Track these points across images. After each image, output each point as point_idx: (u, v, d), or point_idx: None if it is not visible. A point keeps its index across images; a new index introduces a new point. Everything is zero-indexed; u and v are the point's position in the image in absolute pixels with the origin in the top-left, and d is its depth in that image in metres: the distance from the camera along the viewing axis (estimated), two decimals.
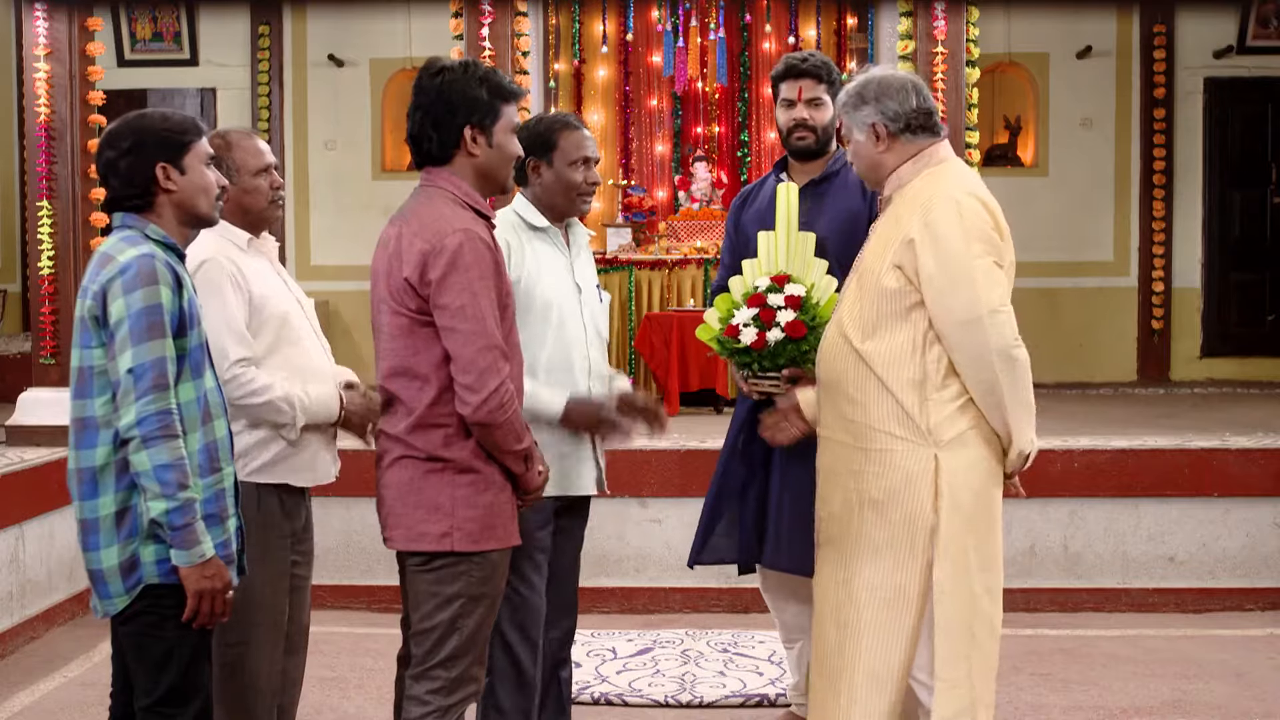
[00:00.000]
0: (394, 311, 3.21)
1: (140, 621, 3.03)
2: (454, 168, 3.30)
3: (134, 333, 2.92)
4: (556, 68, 10.28)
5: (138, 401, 2.91)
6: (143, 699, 3.06)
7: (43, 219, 6.71)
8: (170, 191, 3.07)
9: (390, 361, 3.26)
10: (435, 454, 3.23)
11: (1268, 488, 6.37)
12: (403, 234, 3.20)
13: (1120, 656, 5.68)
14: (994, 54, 9.80)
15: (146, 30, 10.42)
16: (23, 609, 5.96)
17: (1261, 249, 10.42)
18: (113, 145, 3.08)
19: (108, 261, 2.99)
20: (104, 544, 3.00)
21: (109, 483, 2.99)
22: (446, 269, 3.13)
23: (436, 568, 3.26)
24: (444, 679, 3.28)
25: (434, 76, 3.26)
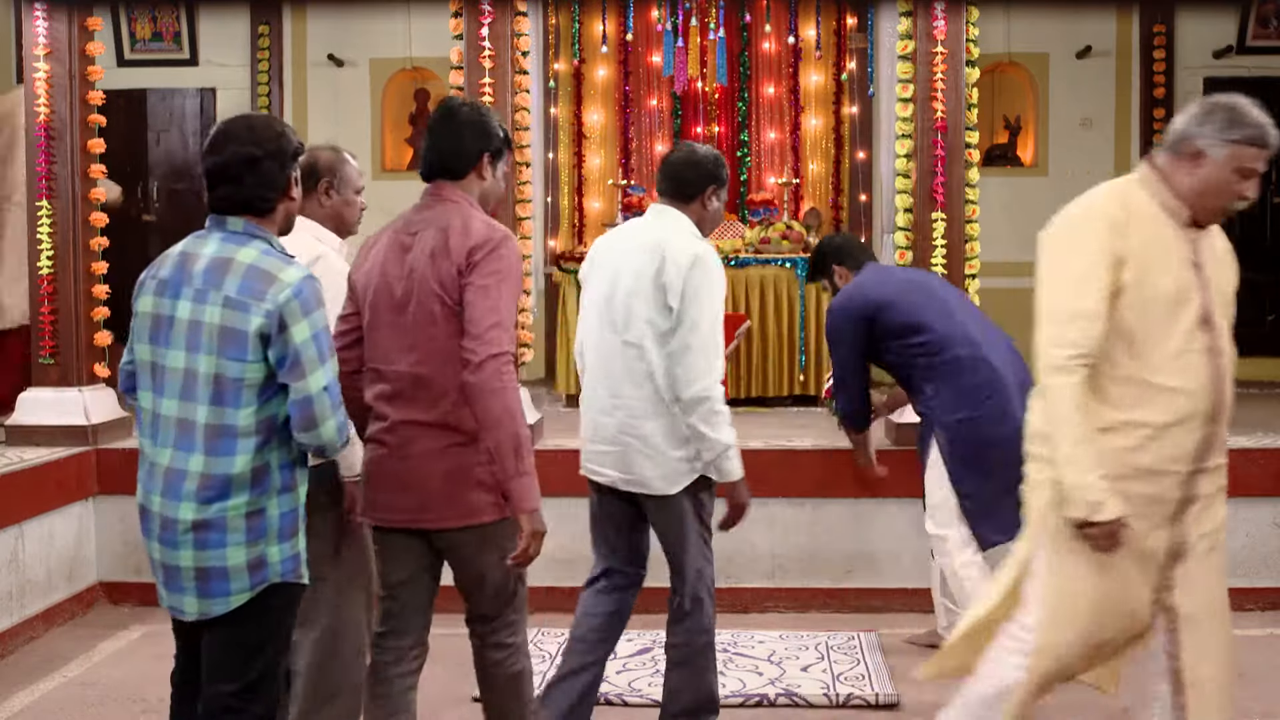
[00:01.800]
0: (439, 301, 3.48)
1: (248, 615, 3.19)
2: (466, 186, 3.69)
3: (321, 352, 3.15)
4: (556, 67, 10.29)
5: (335, 414, 3.17)
6: (226, 685, 3.20)
7: (42, 219, 6.71)
8: (291, 200, 3.28)
9: (436, 349, 3.49)
10: (475, 431, 3.48)
11: (1268, 488, 6.37)
12: (449, 234, 3.52)
13: None
14: (994, 54, 9.80)
15: (146, 30, 10.42)
16: (22, 609, 5.96)
17: (1261, 249, 10.42)
18: (254, 143, 3.19)
19: (268, 279, 3.12)
20: (231, 541, 3.14)
21: (244, 485, 3.14)
22: (486, 254, 3.47)
23: (490, 534, 3.55)
24: (516, 621, 3.71)
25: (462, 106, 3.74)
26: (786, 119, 10.54)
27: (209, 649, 3.24)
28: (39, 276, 6.75)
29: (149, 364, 3.24)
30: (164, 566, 3.22)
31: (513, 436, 3.41)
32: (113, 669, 5.62)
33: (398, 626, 3.70)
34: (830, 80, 10.50)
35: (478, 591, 3.66)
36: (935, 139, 6.46)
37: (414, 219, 3.65)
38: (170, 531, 3.17)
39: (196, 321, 3.15)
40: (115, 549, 6.59)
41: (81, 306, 6.77)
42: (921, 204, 6.50)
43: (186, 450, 3.14)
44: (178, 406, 3.17)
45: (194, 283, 3.17)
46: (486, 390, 3.39)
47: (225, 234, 3.21)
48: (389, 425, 3.55)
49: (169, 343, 3.19)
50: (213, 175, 3.22)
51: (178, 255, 3.26)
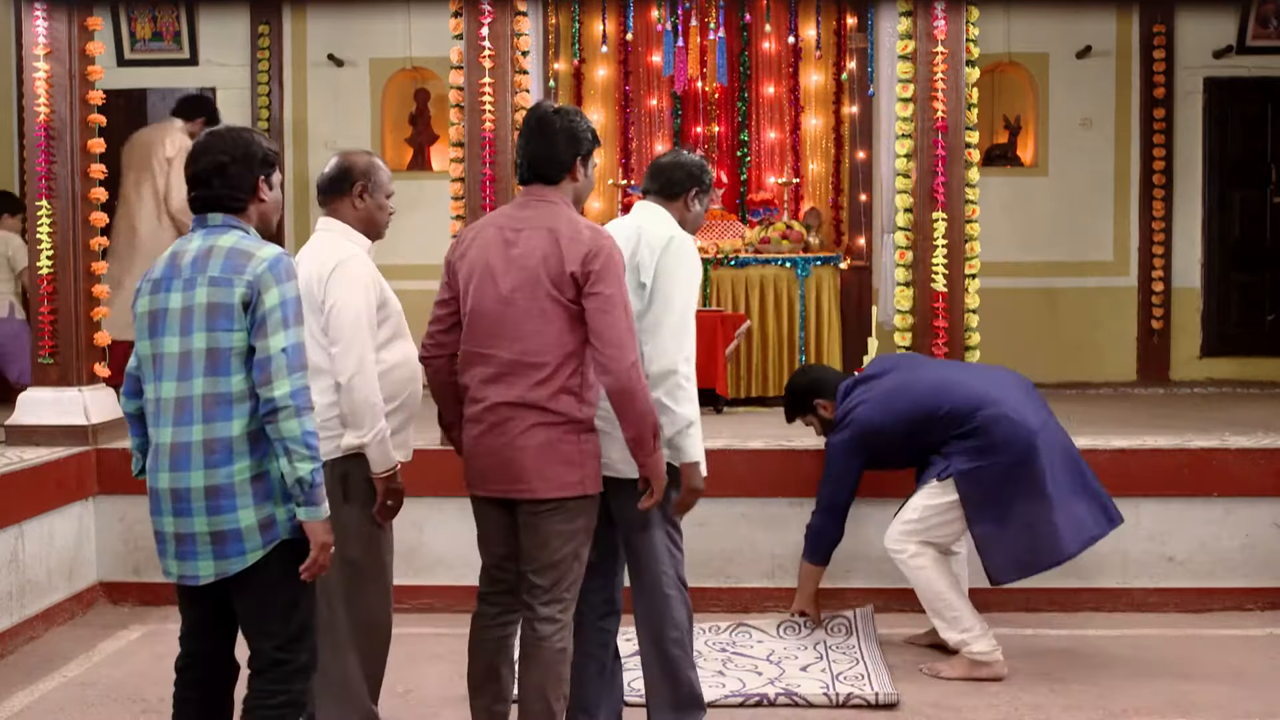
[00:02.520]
0: (550, 298, 3.86)
1: (271, 573, 3.49)
2: (561, 189, 4.04)
3: (286, 318, 3.44)
4: (556, 67, 10.28)
5: (290, 376, 3.41)
6: (269, 641, 3.54)
7: (42, 219, 6.71)
8: (262, 201, 3.62)
9: (544, 339, 3.87)
10: (571, 416, 3.89)
11: (1268, 488, 6.37)
12: (558, 237, 3.88)
13: (1120, 656, 5.68)
14: (994, 54, 9.80)
15: (146, 30, 10.41)
16: (22, 609, 5.95)
17: (1261, 249, 10.42)
18: (224, 151, 3.54)
19: (247, 256, 3.46)
20: (240, 505, 3.44)
21: (244, 450, 3.43)
22: (603, 264, 3.85)
23: (569, 509, 3.92)
24: (568, 600, 3.99)
25: (556, 113, 4.05)
26: (786, 119, 10.54)
27: (247, 612, 3.55)
28: (38, 276, 6.75)
29: (150, 357, 3.54)
30: (176, 537, 3.48)
31: (653, 425, 3.88)
32: (112, 669, 5.62)
33: (502, 588, 4.08)
34: (830, 80, 10.50)
35: (539, 557, 3.94)
36: (935, 139, 6.46)
37: (517, 216, 3.99)
38: (183, 501, 3.44)
39: (188, 307, 3.47)
40: (115, 549, 6.59)
41: (81, 306, 6.77)
42: (922, 204, 6.50)
43: (187, 424, 3.44)
44: (175, 387, 3.47)
45: (183, 274, 3.51)
46: (632, 392, 3.83)
47: (208, 228, 3.57)
48: (488, 405, 3.91)
49: (164, 332, 3.50)
50: (191, 181, 3.59)
51: (168, 256, 3.60)
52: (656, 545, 4.29)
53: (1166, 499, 6.38)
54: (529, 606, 3.98)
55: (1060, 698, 5.18)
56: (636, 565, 4.32)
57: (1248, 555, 6.39)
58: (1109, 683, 5.33)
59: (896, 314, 6.60)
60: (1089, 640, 5.92)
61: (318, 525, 3.49)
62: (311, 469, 3.43)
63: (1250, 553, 6.39)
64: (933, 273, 6.45)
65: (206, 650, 3.66)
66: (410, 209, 9.74)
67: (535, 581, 3.97)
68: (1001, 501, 5.33)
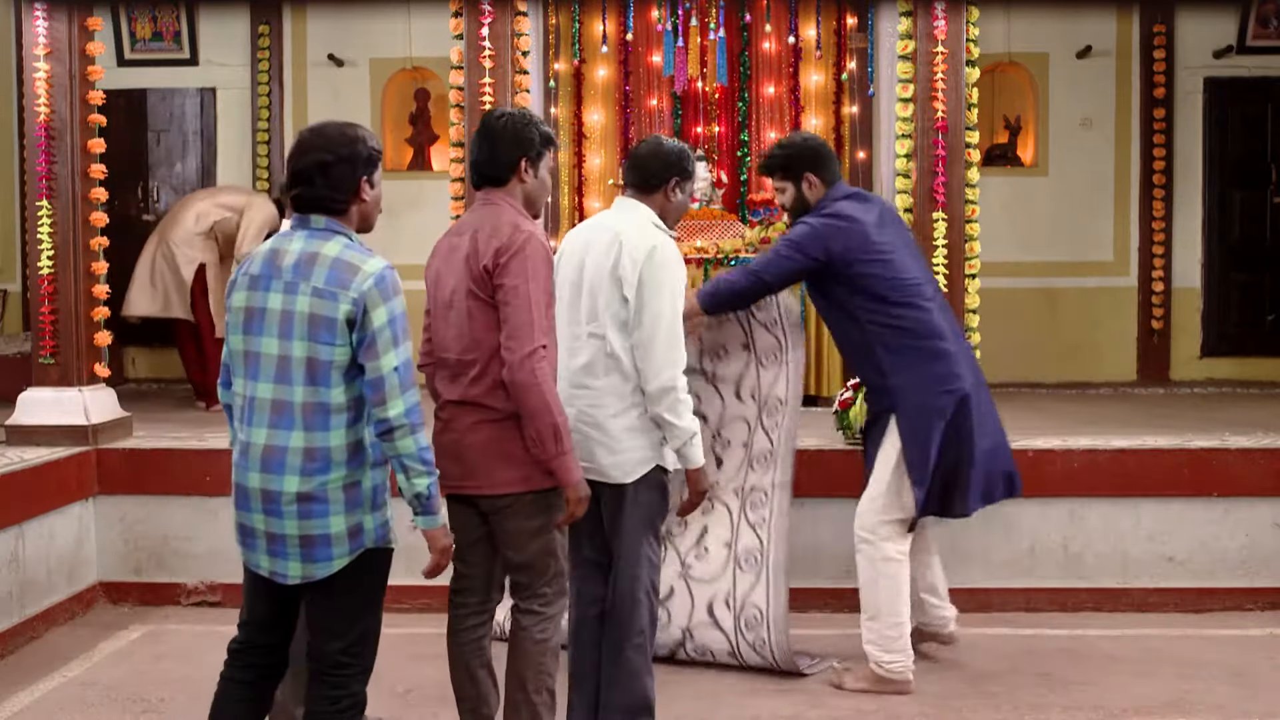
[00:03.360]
0: (472, 295, 3.90)
1: (350, 579, 3.54)
2: (508, 189, 4.05)
3: (395, 336, 3.45)
4: (556, 67, 10.27)
5: (404, 394, 3.44)
6: (336, 643, 3.57)
7: (42, 219, 6.71)
8: (364, 201, 3.59)
9: (472, 337, 3.92)
10: (510, 411, 3.88)
11: (1268, 488, 6.37)
12: (478, 235, 3.93)
13: (1120, 656, 5.68)
14: (994, 54, 9.80)
15: (146, 30, 10.41)
16: (22, 609, 5.96)
17: (1261, 249, 10.41)
18: (327, 149, 3.52)
19: (353, 269, 3.45)
20: (333, 512, 3.48)
21: (342, 460, 3.47)
22: (511, 256, 3.86)
23: (525, 505, 3.94)
24: (549, 594, 4.04)
25: (498, 119, 4.07)
26: (787, 119, 10.53)
27: (318, 613, 3.59)
28: (39, 276, 6.75)
29: (242, 353, 3.55)
30: (268, 535, 3.52)
31: (550, 425, 3.84)
32: (113, 669, 5.62)
33: (467, 585, 4.11)
34: (830, 80, 10.49)
35: (510, 557, 4.03)
36: (935, 139, 6.46)
37: (464, 221, 4.07)
38: (274, 503, 3.47)
39: (288, 311, 3.46)
40: (115, 549, 6.59)
41: (82, 306, 6.77)
42: (922, 204, 6.50)
43: (286, 428, 3.46)
44: (272, 389, 3.48)
45: (284, 276, 3.49)
46: (524, 385, 3.81)
47: (310, 231, 3.55)
48: (441, 404, 4.03)
49: (262, 331, 3.50)
50: (292, 178, 3.57)
51: (267, 252, 3.58)
52: (638, 551, 4.34)
53: (1166, 499, 6.38)
54: (515, 599, 4.09)
55: (1060, 697, 5.18)
56: (615, 567, 4.37)
57: (1247, 555, 6.39)
58: (1109, 683, 5.33)
59: None
60: (1088, 640, 5.92)
61: (438, 531, 3.59)
62: (429, 483, 3.51)
63: (1250, 553, 6.39)
64: (933, 273, 6.45)
65: (265, 642, 3.70)
66: (410, 209, 9.79)
67: (515, 578, 4.08)
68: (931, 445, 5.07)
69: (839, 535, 6.26)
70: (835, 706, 5.08)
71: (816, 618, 6.23)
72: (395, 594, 4.50)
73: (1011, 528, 6.37)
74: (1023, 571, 6.38)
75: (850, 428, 6.45)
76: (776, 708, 5.07)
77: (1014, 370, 9.82)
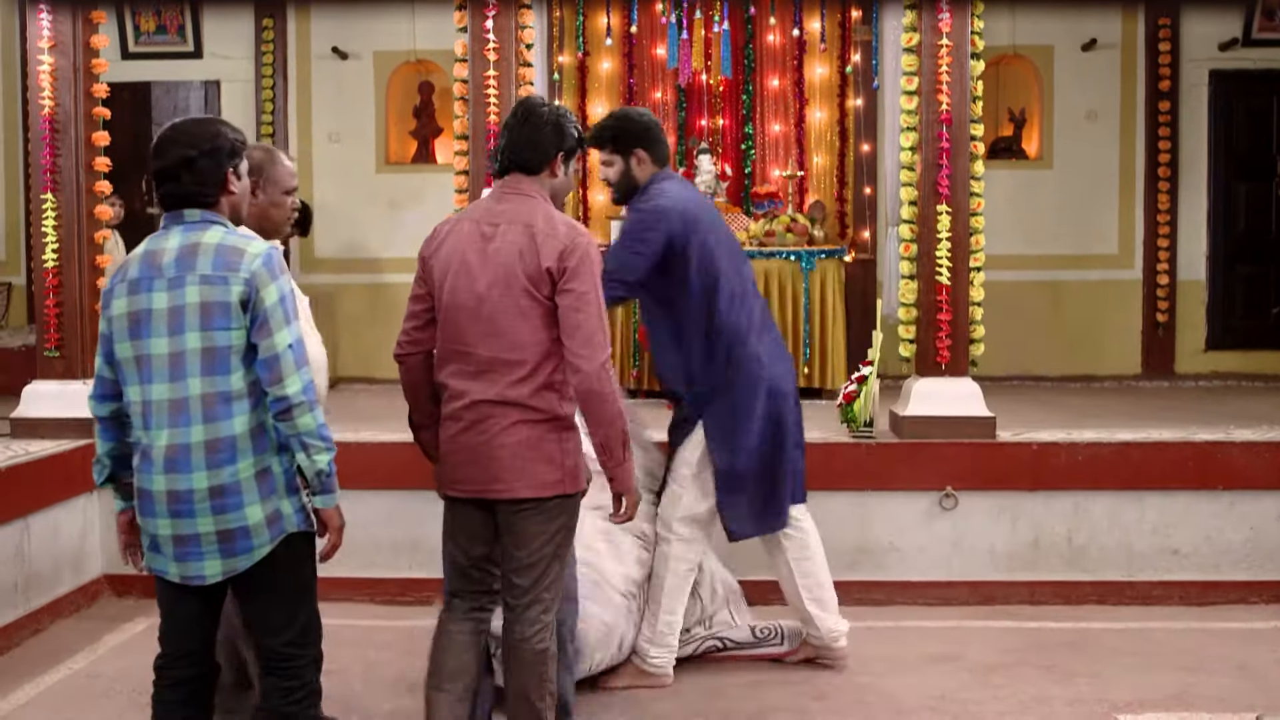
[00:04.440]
0: (527, 294, 3.77)
1: (279, 565, 3.47)
2: (539, 181, 3.93)
3: (286, 314, 3.41)
4: (560, 60, 10.27)
5: (299, 371, 3.40)
6: (276, 637, 3.53)
7: (47, 212, 6.72)
8: (232, 193, 3.53)
9: (517, 337, 3.78)
10: (554, 413, 3.81)
11: (1272, 481, 6.36)
12: (533, 231, 3.78)
13: (1124, 649, 5.68)
14: (998, 46, 9.78)
15: (150, 23, 10.41)
16: (28, 602, 5.97)
17: (1266, 242, 10.40)
18: (190, 144, 3.44)
19: (238, 252, 3.40)
20: (248, 501, 3.41)
21: (248, 447, 3.40)
22: (579, 260, 3.76)
23: (548, 509, 3.84)
24: (548, 600, 3.91)
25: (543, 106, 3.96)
26: (791, 112, 10.52)
27: (253, 609, 3.55)
28: (43, 269, 6.76)
29: (132, 359, 3.45)
30: (176, 539, 3.42)
31: (621, 432, 3.81)
32: (117, 661, 5.63)
33: (475, 589, 3.98)
34: (835, 73, 10.48)
35: (519, 556, 3.86)
36: (940, 131, 6.45)
37: (494, 209, 3.88)
38: (184, 502, 3.39)
39: (176, 307, 3.39)
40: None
41: (86, 299, 6.77)
42: (926, 197, 6.49)
43: (185, 424, 3.38)
44: (168, 389, 3.40)
45: (166, 273, 3.41)
46: (601, 395, 3.75)
47: (185, 225, 3.47)
48: (467, 403, 3.82)
49: (150, 333, 3.41)
50: (157, 176, 3.49)
51: (142, 254, 3.49)
52: None
53: (1171, 492, 6.38)
54: (509, 607, 3.92)
55: (1064, 690, 5.18)
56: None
57: (1252, 548, 6.38)
58: (1113, 675, 5.33)
59: (901, 307, 6.60)
60: (1093, 633, 5.92)
61: (333, 511, 3.52)
62: (329, 459, 3.45)
63: (1255, 546, 6.38)
64: (937, 266, 6.45)
65: (189, 649, 3.60)
66: (414, 202, 9.80)
67: (515, 581, 3.90)
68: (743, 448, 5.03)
69: (844, 528, 6.28)
70: (838, 698, 5.08)
71: None
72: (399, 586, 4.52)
73: (1016, 520, 6.37)
74: (1027, 564, 6.38)
75: (855, 421, 6.46)
76: (780, 699, 5.07)
77: (1018, 363, 9.81)
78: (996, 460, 6.37)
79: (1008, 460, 6.38)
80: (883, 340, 6.53)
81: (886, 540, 6.39)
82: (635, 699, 5.06)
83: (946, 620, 6.10)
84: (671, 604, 5.14)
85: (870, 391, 6.45)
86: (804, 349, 8.75)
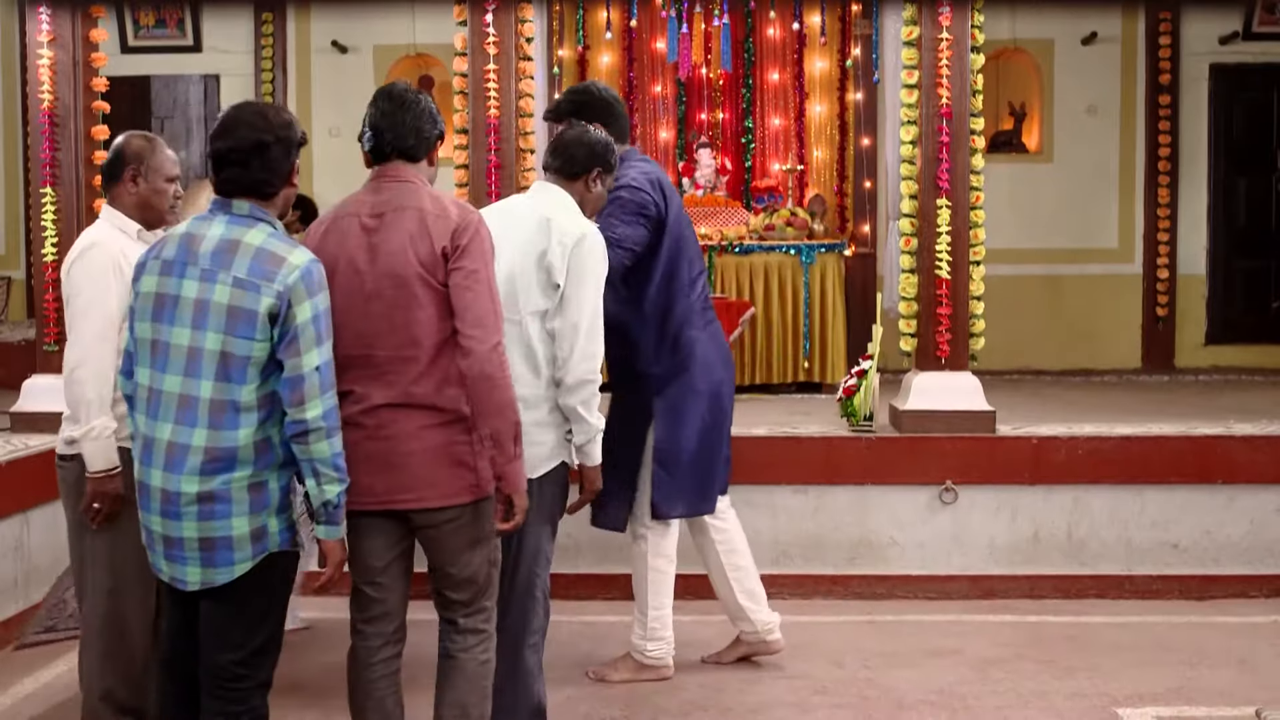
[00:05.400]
0: (421, 281, 3.51)
1: (253, 583, 3.32)
2: (420, 169, 3.69)
3: (319, 334, 3.27)
4: (560, 54, 10.26)
5: (323, 395, 3.26)
6: (233, 653, 3.34)
7: (46, 206, 6.71)
8: (293, 186, 3.40)
9: (412, 330, 3.51)
10: (460, 412, 3.53)
11: (1272, 475, 6.36)
12: (424, 216, 3.54)
13: (1124, 643, 5.68)
14: (999, 40, 9.77)
15: (150, 17, 10.41)
16: (27, 596, 5.96)
17: (1266, 236, 10.40)
18: (266, 129, 3.31)
19: (277, 260, 3.25)
20: (235, 512, 3.27)
21: (249, 459, 3.27)
22: (470, 238, 3.52)
23: (470, 516, 3.59)
24: (489, 609, 3.73)
25: (416, 93, 3.72)
26: (791, 105, 10.51)
27: (212, 620, 3.36)
28: (43, 263, 6.75)
29: (149, 341, 3.32)
30: (165, 539, 3.32)
31: (513, 423, 3.54)
32: None
33: (380, 612, 3.67)
34: (835, 66, 10.48)
35: (452, 573, 3.64)
36: (940, 125, 6.44)
37: (373, 201, 3.62)
38: (172, 504, 3.27)
39: (204, 300, 3.25)
40: None
41: None
42: (926, 191, 6.49)
43: (189, 425, 3.25)
44: (180, 383, 3.27)
45: (200, 263, 3.27)
46: (491, 379, 3.49)
47: (231, 216, 3.31)
48: (368, 408, 3.52)
49: (174, 320, 3.28)
50: (220, 158, 3.31)
51: (181, 236, 3.34)
52: (537, 547, 4.18)
53: (1171, 486, 6.37)
54: (449, 622, 3.70)
55: (1064, 684, 5.18)
56: (512, 564, 4.13)
57: (1252, 542, 6.38)
58: (1112, 669, 5.33)
59: (901, 301, 6.60)
60: (1092, 627, 5.92)
61: (335, 544, 3.38)
62: (339, 491, 3.32)
63: (1254, 540, 6.38)
64: (937, 260, 6.45)
65: (189, 648, 3.47)
66: None
67: (454, 598, 3.67)
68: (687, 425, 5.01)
69: (844, 522, 6.28)
70: (838, 692, 5.08)
71: (821, 604, 6.24)
72: None
73: (1016, 514, 6.37)
74: (1027, 558, 6.38)
75: (855, 415, 6.45)
76: (780, 694, 5.07)
77: (1018, 357, 9.82)
78: (996, 454, 6.37)
79: (1007, 454, 6.37)
80: (882, 334, 6.53)
81: (886, 534, 6.39)
82: (634, 693, 5.06)
83: (946, 614, 6.10)
84: (658, 599, 5.11)
85: (870, 385, 6.45)
86: (804, 343, 8.76)
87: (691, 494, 5.06)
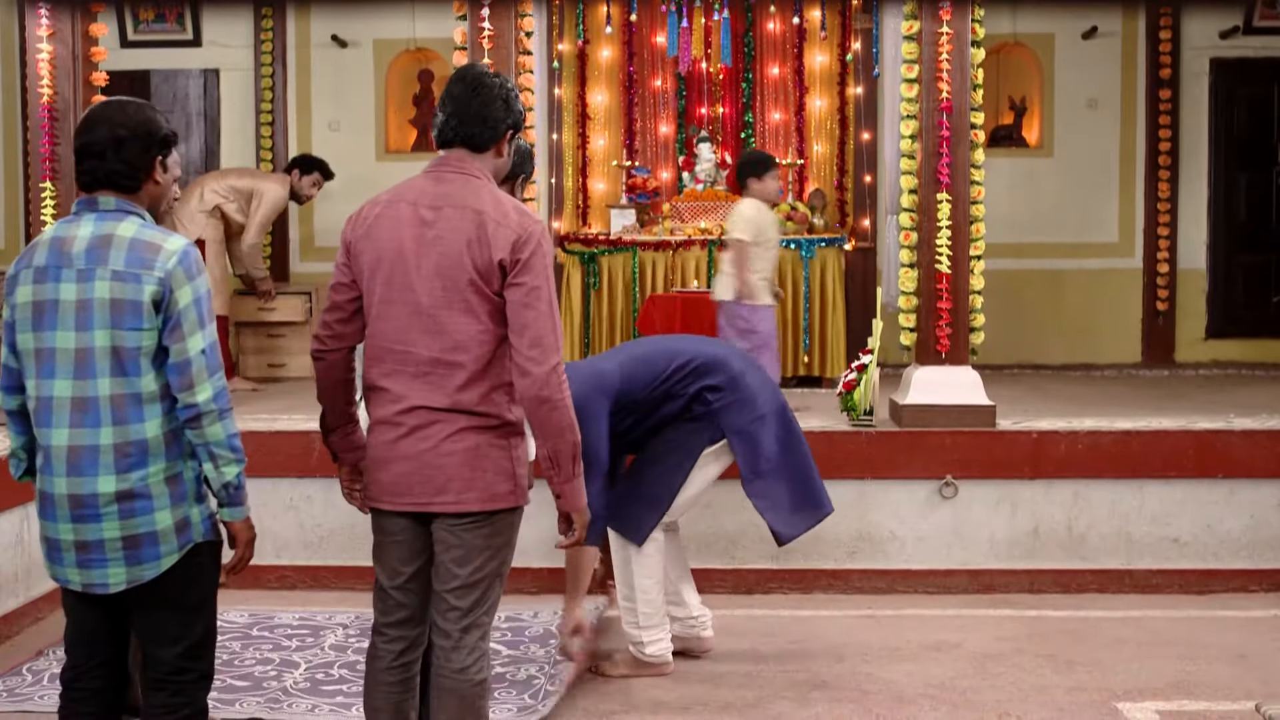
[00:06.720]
0: (474, 288, 3.38)
1: (181, 576, 3.29)
2: (484, 160, 3.53)
3: (201, 317, 3.23)
4: (560, 48, 10.25)
5: (211, 378, 3.23)
6: (172, 648, 3.32)
7: (46, 200, 6.71)
8: (156, 184, 3.35)
9: (460, 335, 3.40)
10: (502, 418, 3.44)
11: (1272, 469, 6.37)
12: (483, 218, 3.39)
13: (1124, 638, 5.69)
14: (999, 34, 9.77)
15: (150, 11, 10.39)
16: (28, 590, 5.97)
17: (1267, 230, 10.40)
18: (123, 124, 3.27)
19: (153, 248, 3.21)
20: (158, 507, 3.24)
21: (160, 451, 3.24)
22: (532, 252, 3.38)
23: (494, 523, 3.47)
24: (486, 625, 3.54)
25: (495, 77, 3.54)
26: (791, 100, 10.51)
27: (146, 618, 3.33)
28: None
29: (32, 352, 3.26)
30: (78, 545, 3.25)
31: (572, 445, 3.44)
32: None
33: (404, 616, 3.57)
34: (835, 61, 10.47)
35: (462, 579, 3.47)
36: (940, 120, 6.44)
37: (433, 191, 3.47)
38: (89, 507, 3.21)
39: (85, 300, 3.20)
40: None
41: None
42: (926, 185, 6.49)
43: (93, 425, 3.20)
44: (71, 386, 3.21)
45: (75, 263, 3.22)
46: (547, 402, 3.37)
47: (99, 213, 3.28)
48: (408, 408, 3.42)
49: (56, 325, 3.22)
50: (81, 153, 3.30)
51: (51, 240, 3.28)
52: None
53: (1171, 480, 6.38)
54: (445, 634, 3.50)
55: (1063, 678, 5.19)
56: None
57: (1252, 537, 6.39)
58: (1112, 664, 5.33)
59: (901, 295, 6.60)
60: (1092, 621, 5.92)
61: (242, 524, 3.36)
62: (238, 471, 3.28)
63: (1254, 534, 6.39)
64: (937, 254, 6.45)
65: (100, 658, 3.40)
66: None
67: (454, 604, 3.48)
68: (773, 457, 5.14)
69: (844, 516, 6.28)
70: (838, 686, 5.08)
71: (821, 598, 6.25)
72: None
73: (1016, 509, 6.37)
74: (1026, 552, 6.38)
75: (855, 409, 6.46)
76: (780, 688, 5.08)
77: (1018, 352, 9.82)
78: (996, 449, 6.38)
79: (1008, 448, 6.38)
80: (883, 328, 6.54)
81: (886, 528, 6.39)
82: (633, 688, 5.06)
83: (946, 608, 6.10)
84: (646, 586, 5.08)
85: (870, 380, 6.45)
86: (804, 337, 8.76)
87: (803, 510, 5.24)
